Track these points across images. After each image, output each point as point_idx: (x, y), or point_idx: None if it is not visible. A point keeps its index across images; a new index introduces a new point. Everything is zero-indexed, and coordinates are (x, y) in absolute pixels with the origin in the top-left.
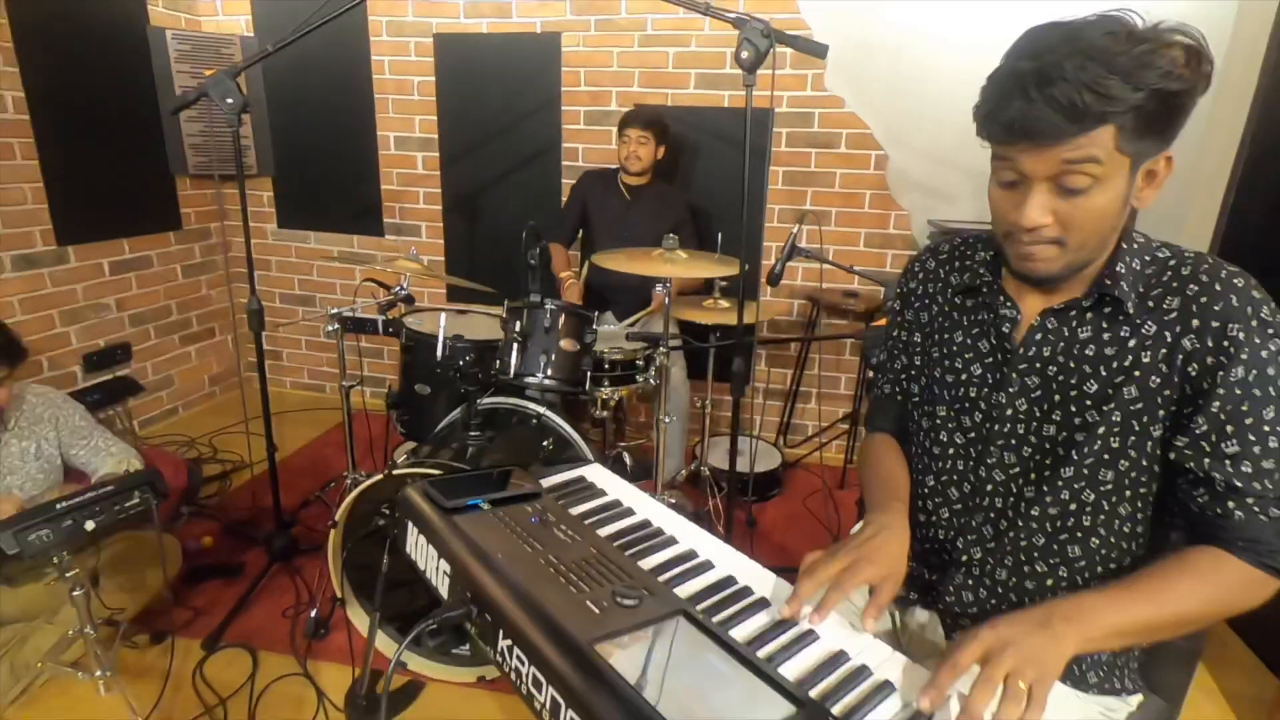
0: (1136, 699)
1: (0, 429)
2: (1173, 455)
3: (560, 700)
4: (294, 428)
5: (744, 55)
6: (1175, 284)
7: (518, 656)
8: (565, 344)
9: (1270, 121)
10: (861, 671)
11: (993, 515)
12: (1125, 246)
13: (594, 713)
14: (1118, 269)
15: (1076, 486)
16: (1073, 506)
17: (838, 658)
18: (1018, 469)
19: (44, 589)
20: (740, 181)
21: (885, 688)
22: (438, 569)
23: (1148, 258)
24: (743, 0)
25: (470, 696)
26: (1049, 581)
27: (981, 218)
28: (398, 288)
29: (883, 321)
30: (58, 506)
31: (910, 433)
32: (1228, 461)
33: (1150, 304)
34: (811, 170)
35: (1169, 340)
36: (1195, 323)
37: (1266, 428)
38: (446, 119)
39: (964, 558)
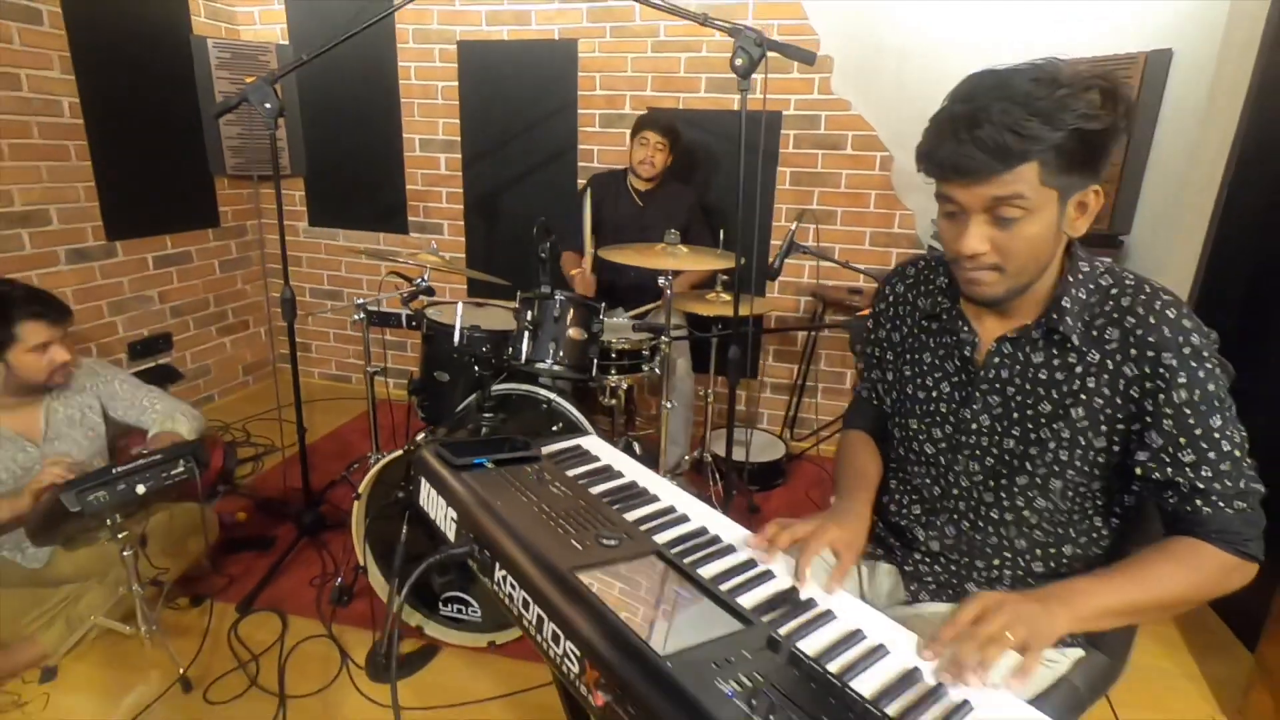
0: (1076, 653)
1: (49, 397)
2: (1138, 469)
3: (544, 615)
4: (321, 415)
5: (738, 62)
6: (1115, 314)
7: (510, 584)
8: (573, 333)
9: (1263, 122)
10: (809, 604)
11: (955, 516)
12: (1070, 279)
13: (572, 625)
14: (1063, 303)
15: (1030, 494)
16: (1025, 511)
17: (789, 594)
18: (980, 476)
19: (97, 552)
20: (749, 181)
21: (827, 615)
22: (446, 516)
23: (1092, 285)
24: (752, 6)
25: (481, 660)
26: (995, 561)
27: None
28: (419, 280)
29: (866, 312)
30: (113, 471)
31: (885, 436)
32: (1188, 468)
33: (1094, 333)
34: (818, 171)
35: (1110, 368)
36: (1133, 352)
37: (1216, 434)
38: (468, 122)
39: (924, 546)
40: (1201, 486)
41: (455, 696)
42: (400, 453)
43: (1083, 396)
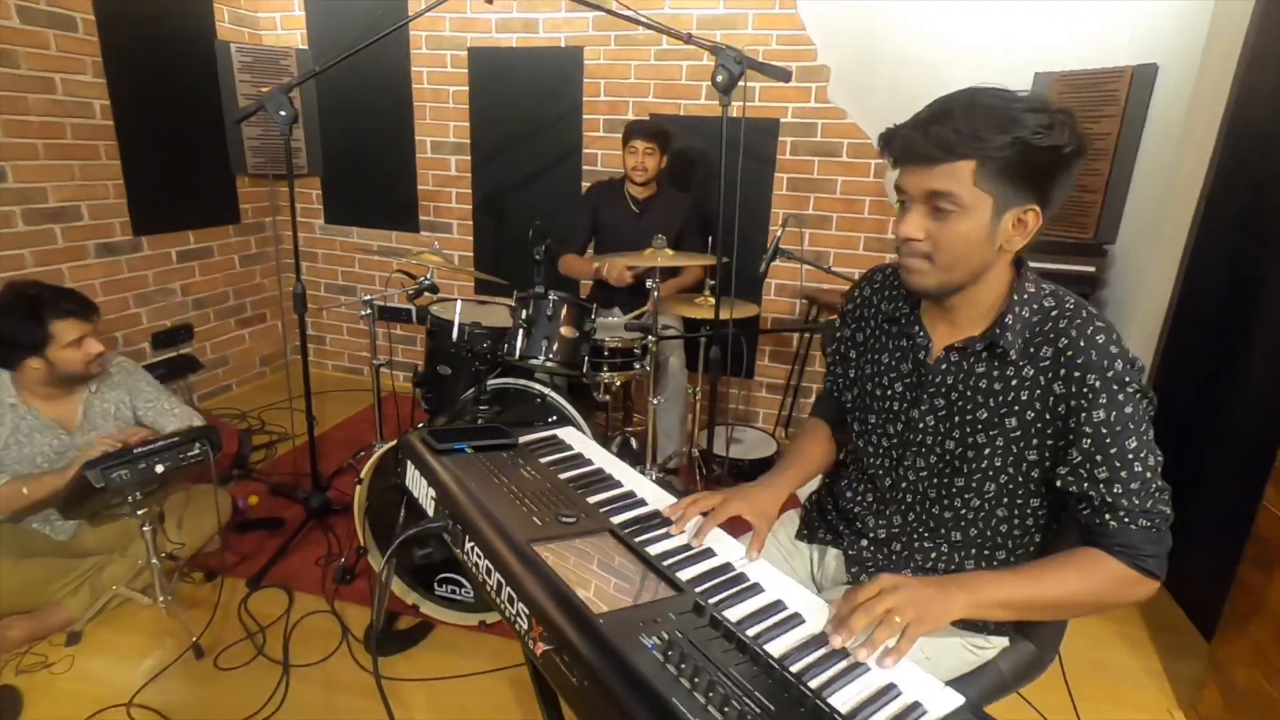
0: (1000, 640)
1: (86, 390)
2: (1058, 482)
3: (503, 580)
4: (333, 405)
5: (719, 79)
6: (1052, 334)
7: (477, 553)
8: (566, 331)
9: (1241, 135)
10: (740, 578)
11: (902, 508)
12: (1016, 298)
13: (524, 588)
14: (1007, 319)
15: (967, 495)
16: (963, 510)
17: (724, 568)
18: (926, 473)
19: (119, 528)
20: (747, 187)
21: (755, 588)
22: (427, 494)
23: (1035, 306)
24: (751, 17)
25: (472, 638)
26: (933, 555)
27: None
28: (423, 278)
29: (834, 317)
30: (134, 452)
31: (845, 428)
32: (1101, 484)
33: (1031, 350)
34: (814, 177)
35: (1043, 384)
36: (1063, 371)
37: (1130, 455)
38: (477, 125)
39: (873, 534)
40: (1110, 501)
41: (447, 670)
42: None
43: (1016, 408)
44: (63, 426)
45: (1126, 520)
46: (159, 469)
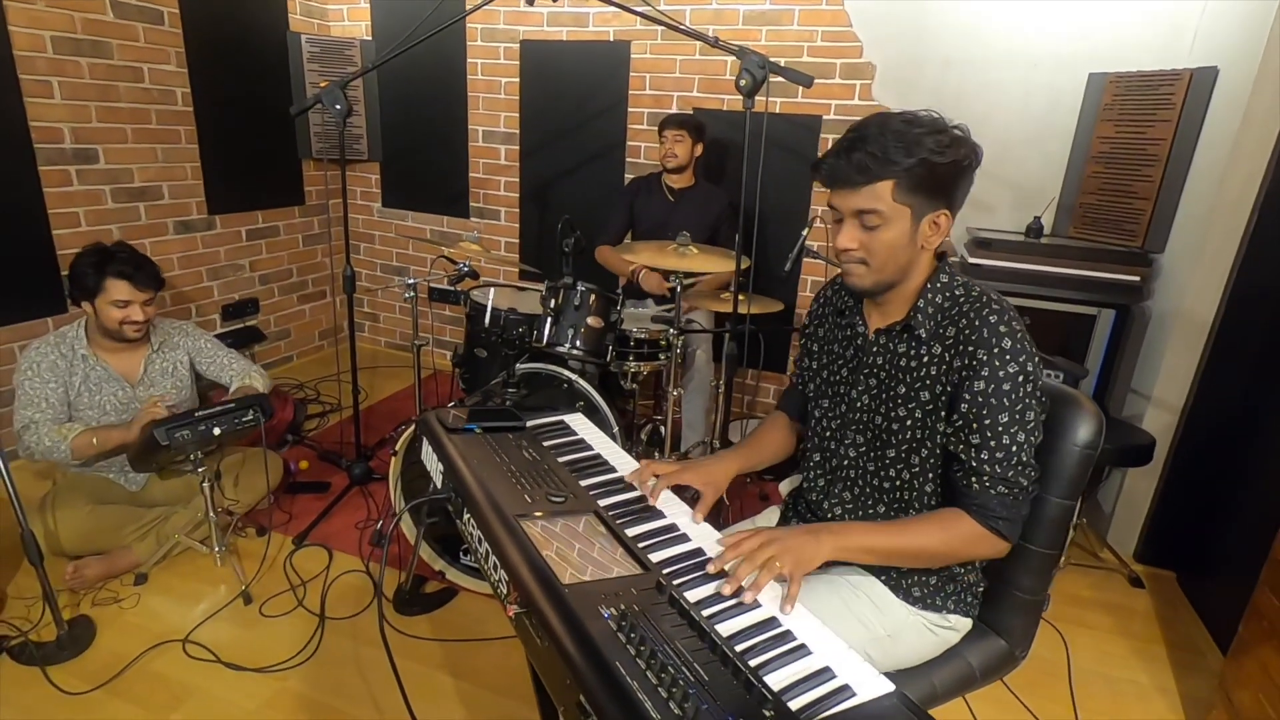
0: (962, 623)
1: (149, 348)
2: (941, 439)
3: (489, 549)
4: (384, 380)
5: (742, 83)
6: (956, 316)
7: (472, 524)
8: (592, 321)
9: None
10: (700, 555)
11: (848, 483)
12: (930, 286)
13: (506, 556)
14: (920, 304)
15: (898, 467)
16: (897, 480)
17: (696, 553)
18: (864, 448)
19: (183, 483)
20: (785, 184)
21: (721, 575)
22: (437, 468)
23: (947, 294)
24: (797, 13)
25: (492, 606)
26: None
27: (1019, 228)
28: (462, 264)
29: None
30: (195, 414)
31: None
32: (971, 448)
33: (940, 331)
34: None
35: (946, 360)
36: (960, 347)
37: (1000, 428)
38: (527, 116)
39: (829, 515)
40: (975, 466)
41: (466, 633)
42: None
43: (928, 382)
44: (126, 380)
45: (988, 485)
46: (216, 431)
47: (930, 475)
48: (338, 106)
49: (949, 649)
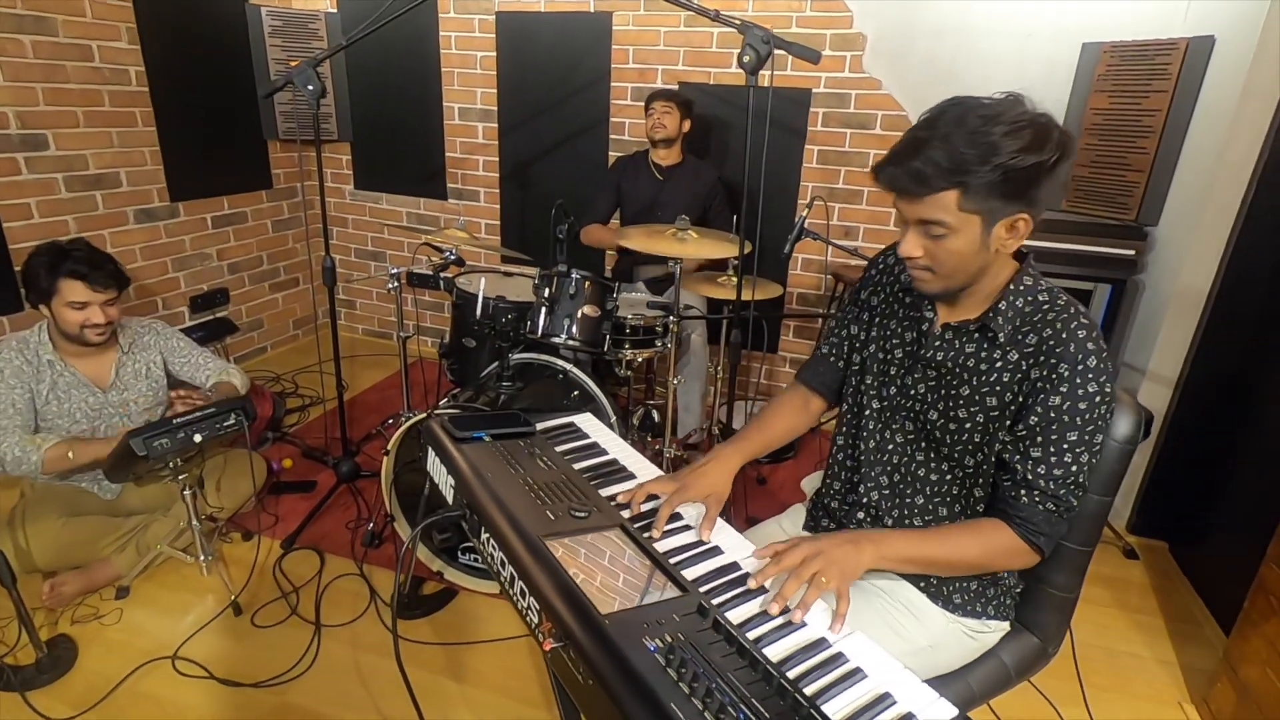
0: (1001, 627)
1: (119, 350)
2: (998, 445)
3: (515, 574)
4: (363, 369)
5: (745, 59)
6: (1040, 324)
7: (492, 544)
8: (588, 309)
9: None
10: (745, 579)
11: (889, 469)
12: (1013, 288)
13: (535, 583)
14: (1000, 306)
15: (949, 464)
16: (948, 477)
17: (731, 568)
18: (913, 437)
19: (162, 488)
20: (775, 160)
21: (760, 590)
22: (446, 482)
23: (1030, 298)
24: None
25: (492, 605)
26: (918, 522)
27: None
28: (448, 251)
29: None
30: (174, 422)
31: (834, 391)
32: (1031, 461)
33: (1019, 337)
34: (846, 150)
35: (1024, 369)
36: (1042, 359)
37: (1067, 446)
38: (505, 92)
39: (864, 500)
40: (1030, 479)
41: (468, 635)
42: (425, 415)
43: (998, 389)
44: (96, 385)
45: (1038, 500)
46: (197, 438)
47: (981, 480)
48: (310, 87)
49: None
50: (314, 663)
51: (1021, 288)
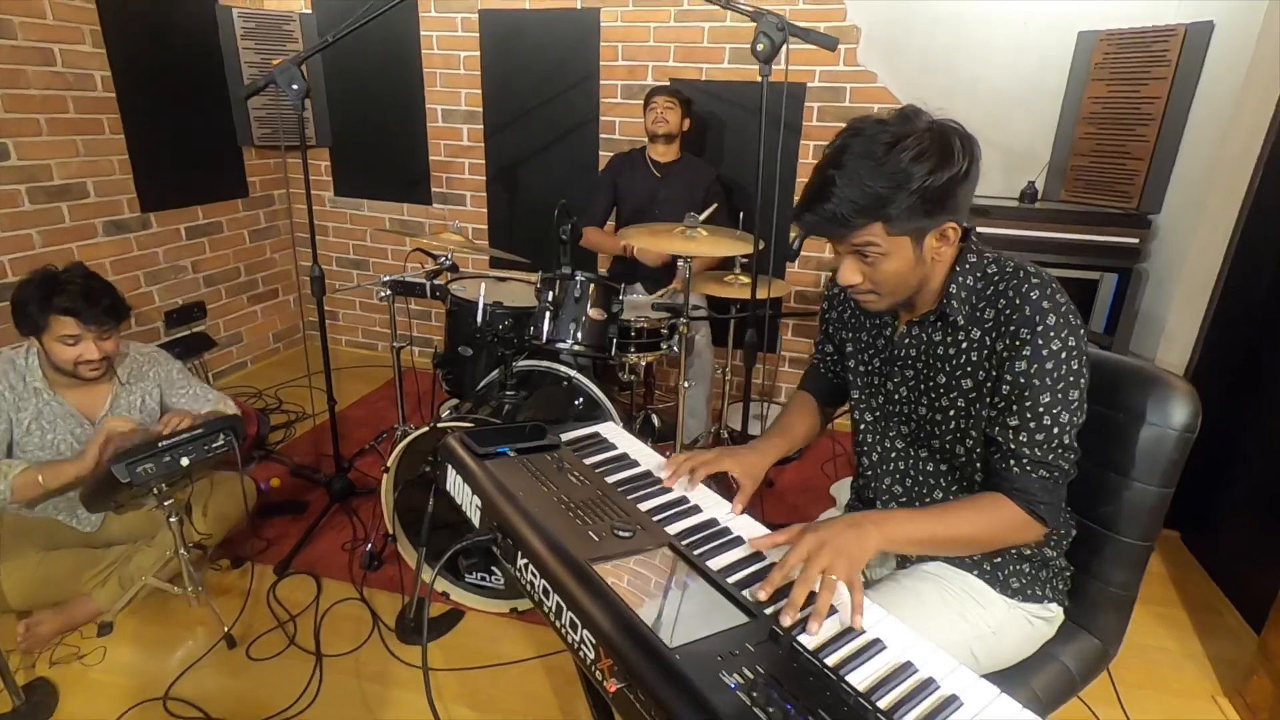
0: (1058, 612)
1: (116, 383)
2: (983, 424)
3: (563, 604)
4: (349, 383)
5: (759, 48)
6: (993, 296)
7: (531, 571)
8: (593, 313)
9: None
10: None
11: (897, 474)
12: (959, 269)
13: (588, 615)
14: (951, 290)
15: (941, 456)
16: (946, 469)
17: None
18: (910, 438)
19: (144, 515)
20: (773, 156)
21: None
22: (471, 503)
23: (979, 274)
24: None
25: (503, 625)
26: None
27: (1010, 192)
28: (443, 257)
29: None
30: (159, 445)
31: (834, 398)
32: (1010, 430)
33: (977, 314)
34: None
35: (988, 344)
36: (1002, 328)
37: (1041, 409)
38: (490, 93)
39: (878, 504)
40: (1013, 448)
41: (480, 659)
42: (426, 429)
43: (969, 369)
44: (87, 416)
45: (1028, 468)
46: (184, 462)
47: (978, 464)
48: (295, 86)
49: (1045, 652)
50: (317, 696)
51: (968, 266)
